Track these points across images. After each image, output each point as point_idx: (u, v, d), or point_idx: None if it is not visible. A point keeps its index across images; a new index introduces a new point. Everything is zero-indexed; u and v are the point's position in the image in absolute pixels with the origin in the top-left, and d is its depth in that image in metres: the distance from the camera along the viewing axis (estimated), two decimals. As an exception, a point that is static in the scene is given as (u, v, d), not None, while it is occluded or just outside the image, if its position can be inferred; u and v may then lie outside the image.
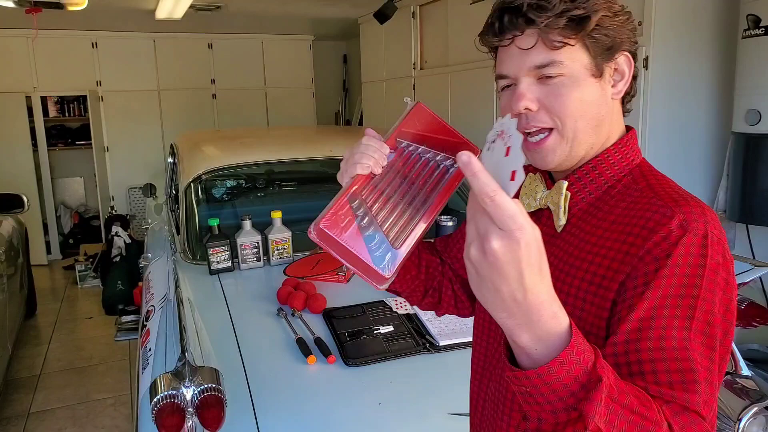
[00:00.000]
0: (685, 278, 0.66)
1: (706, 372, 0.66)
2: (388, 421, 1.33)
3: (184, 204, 2.53)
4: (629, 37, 0.75)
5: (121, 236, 4.80)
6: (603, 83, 0.75)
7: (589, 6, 0.71)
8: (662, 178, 0.78)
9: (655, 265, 0.67)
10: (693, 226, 0.68)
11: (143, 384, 1.48)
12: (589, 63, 0.73)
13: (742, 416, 1.56)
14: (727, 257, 0.69)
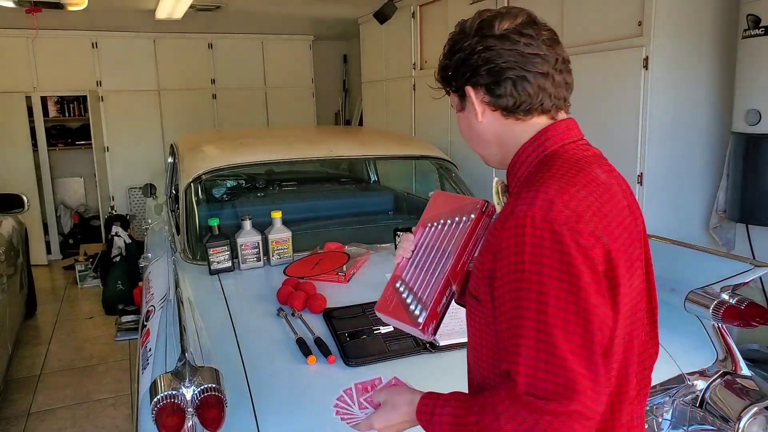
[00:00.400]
0: (513, 263, 0.80)
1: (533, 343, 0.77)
2: (388, 421, 1.33)
3: (184, 204, 2.53)
4: (464, 76, 0.93)
5: (121, 236, 4.80)
6: (467, 113, 0.97)
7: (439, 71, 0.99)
8: (552, 166, 0.87)
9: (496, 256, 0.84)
10: (517, 210, 0.81)
11: (143, 384, 1.48)
12: (457, 103, 0.99)
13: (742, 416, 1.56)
14: (552, 236, 0.78)
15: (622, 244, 0.85)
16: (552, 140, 0.91)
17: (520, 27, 0.90)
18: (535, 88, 0.89)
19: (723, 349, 1.71)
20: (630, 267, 0.87)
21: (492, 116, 0.93)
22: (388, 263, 2.24)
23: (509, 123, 0.93)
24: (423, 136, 4.20)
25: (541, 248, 0.78)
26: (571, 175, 0.85)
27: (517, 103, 0.90)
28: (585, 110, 2.91)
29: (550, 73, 0.90)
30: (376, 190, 3.72)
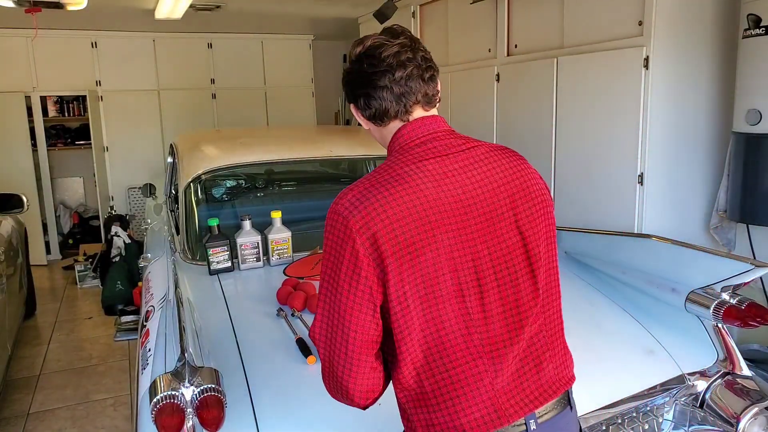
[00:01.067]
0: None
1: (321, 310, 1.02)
2: (388, 421, 1.33)
3: (184, 204, 2.53)
4: (345, 94, 1.14)
5: (120, 236, 4.80)
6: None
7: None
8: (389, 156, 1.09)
9: None
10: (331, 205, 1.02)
11: (143, 384, 1.48)
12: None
13: (743, 416, 1.56)
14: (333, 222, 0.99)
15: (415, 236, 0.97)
16: (400, 141, 1.09)
17: (368, 50, 1.09)
18: (380, 102, 1.07)
19: (723, 349, 1.71)
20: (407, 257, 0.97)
21: (366, 123, 1.14)
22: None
23: (379, 129, 1.13)
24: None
25: (327, 232, 1.01)
26: (370, 175, 1.04)
27: (374, 114, 1.09)
28: (585, 110, 2.91)
29: (391, 87, 1.06)
30: (375, 190, 3.72)
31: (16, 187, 4.07)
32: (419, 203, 0.98)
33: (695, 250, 1.89)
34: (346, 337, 0.98)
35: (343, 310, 0.97)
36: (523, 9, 3.39)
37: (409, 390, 1.02)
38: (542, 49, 3.21)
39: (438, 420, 1.01)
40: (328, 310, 1.00)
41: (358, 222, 0.96)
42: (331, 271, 0.99)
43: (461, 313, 1.00)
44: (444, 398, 1.00)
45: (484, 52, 3.66)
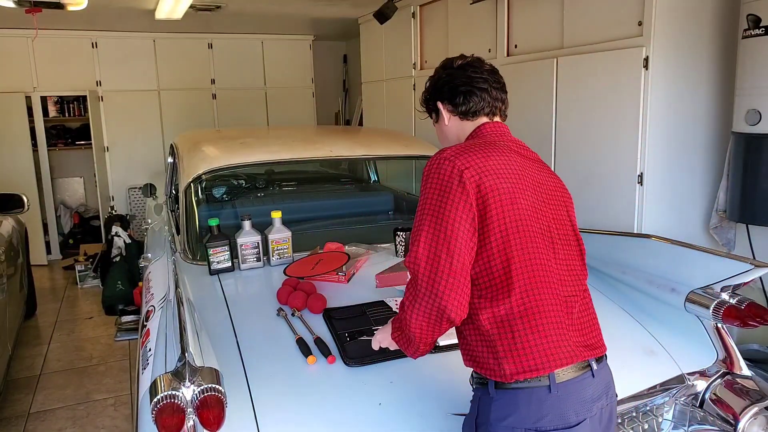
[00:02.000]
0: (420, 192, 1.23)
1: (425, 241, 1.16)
2: (388, 421, 1.33)
3: (184, 204, 2.53)
4: (434, 96, 1.41)
5: (121, 236, 4.80)
6: (441, 123, 1.42)
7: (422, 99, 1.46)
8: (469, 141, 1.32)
9: None
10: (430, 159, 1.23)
11: (143, 384, 1.48)
12: (434, 117, 1.44)
13: (742, 416, 1.56)
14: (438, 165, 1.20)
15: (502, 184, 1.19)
16: (485, 131, 1.34)
17: (469, 62, 1.37)
18: (478, 99, 1.33)
19: (723, 349, 1.71)
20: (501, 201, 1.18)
21: (454, 120, 1.37)
22: (388, 263, 2.24)
23: (464, 123, 1.37)
24: (423, 136, 4.20)
25: (429, 174, 1.21)
26: (483, 140, 1.29)
27: (469, 109, 1.34)
28: (585, 110, 2.91)
29: (489, 90, 1.34)
30: (376, 190, 3.72)
31: (16, 187, 4.08)
32: (510, 163, 1.23)
33: (695, 250, 1.89)
34: (451, 255, 1.13)
35: (450, 232, 1.14)
36: (523, 9, 3.39)
37: (496, 316, 1.15)
38: (542, 49, 3.21)
39: (524, 345, 1.14)
40: (433, 234, 1.15)
41: (464, 163, 1.18)
42: (436, 201, 1.16)
43: (546, 255, 1.20)
44: (531, 324, 1.14)
45: (484, 52, 3.66)
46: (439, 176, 1.18)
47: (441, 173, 1.18)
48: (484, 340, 1.17)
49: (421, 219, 1.18)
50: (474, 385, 1.24)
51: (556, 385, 1.14)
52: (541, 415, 1.13)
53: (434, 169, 1.20)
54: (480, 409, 1.19)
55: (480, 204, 1.15)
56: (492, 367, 1.16)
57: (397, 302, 1.85)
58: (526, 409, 1.14)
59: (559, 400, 1.14)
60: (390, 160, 3.36)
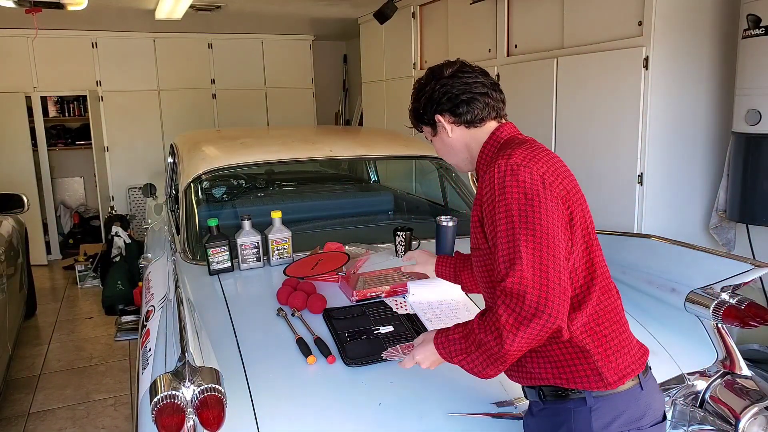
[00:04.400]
0: (492, 199, 1.12)
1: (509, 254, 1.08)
2: (388, 421, 1.33)
3: (184, 204, 2.53)
4: (430, 109, 1.30)
5: (121, 236, 4.80)
6: (440, 135, 1.34)
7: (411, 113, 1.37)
8: (507, 144, 1.24)
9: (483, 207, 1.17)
10: (490, 170, 1.15)
11: (143, 384, 1.48)
12: (430, 131, 1.35)
13: (742, 416, 1.56)
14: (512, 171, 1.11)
15: (568, 185, 1.18)
16: (502, 135, 1.28)
17: (460, 68, 1.28)
18: (482, 103, 1.27)
19: (723, 349, 1.71)
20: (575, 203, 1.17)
21: (458, 130, 1.30)
22: (388, 263, 2.24)
23: (471, 132, 1.30)
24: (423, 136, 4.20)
25: (504, 180, 1.11)
26: (518, 145, 1.21)
27: (474, 116, 1.27)
28: (585, 110, 2.91)
29: (488, 92, 1.28)
30: (376, 190, 3.72)
31: (16, 187, 4.08)
32: (561, 164, 1.22)
33: (695, 250, 1.89)
34: (558, 269, 1.06)
35: (552, 243, 1.06)
36: (523, 9, 3.39)
37: (585, 324, 1.13)
38: (542, 49, 3.21)
39: (616, 348, 1.15)
40: (533, 248, 1.05)
41: (540, 168, 1.12)
42: (525, 211, 1.08)
43: (601, 254, 1.21)
44: (615, 326, 1.16)
45: (484, 52, 3.66)
46: (518, 184, 1.09)
47: (520, 180, 1.09)
48: (577, 351, 1.13)
49: (511, 233, 1.07)
50: (547, 399, 1.19)
51: (644, 381, 1.17)
52: (641, 414, 1.15)
53: (509, 176, 1.10)
54: (577, 423, 1.15)
55: (565, 209, 1.12)
56: (589, 378, 1.13)
57: (397, 303, 1.85)
58: (629, 411, 1.14)
59: (648, 396, 1.17)
60: (390, 160, 3.36)
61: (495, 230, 1.10)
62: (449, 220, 2.38)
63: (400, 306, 1.83)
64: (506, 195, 1.09)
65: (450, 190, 3.11)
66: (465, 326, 1.17)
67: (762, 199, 2.40)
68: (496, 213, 1.10)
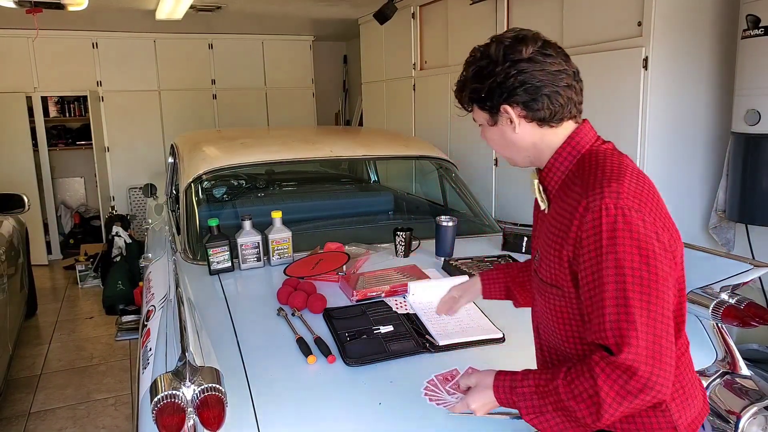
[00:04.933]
0: (596, 248, 0.96)
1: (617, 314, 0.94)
2: (388, 421, 1.33)
3: (185, 204, 2.54)
4: (501, 96, 1.06)
5: (121, 236, 4.81)
6: (500, 127, 1.11)
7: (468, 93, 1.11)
8: (595, 164, 1.05)
9: (578, 246, 0.99)
10: (591, 205, 0.96)
11: (143, 384, 1.49)
12: (488, 119, 1.12)
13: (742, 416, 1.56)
14: (624, 219, 0.94)
15: (672, 228, 1.03)
16: (582, 142, 1.09)
17: (541, 49, 1.05)
18: (565, 99, 1.06)
19: (723, 349, 1.71)
20: (677, 250, 1.03)
21: (528, 127, 1.09)
22: (389, 263, 2.25)
23: (543, 131, 1.09)
24: (423, 136, 4.21)
25: (615, 230, 0.94)
26: (619, 172, 1.01)
27: (553, 113, 1.06)
28: (585, 110, 2.91)
29: (573, 84, 1.07)
30: (376, 190, 3.73)
31: (17, 187, 4.08)
32: (663, 204, 1.04)
33: (694, 250, 1.89)
34: (671, 341, 0.94)
35: (666, 311, 0.94)
36: (522, 9, 3.39)
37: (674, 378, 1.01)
38: (542, 49, 3.21)
39: (691, 396, 1.08)
40: (648, 317, 0.92)
41: (651, 213, 0.97)
42: (639, 269, 0.93)
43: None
44: (688, 383, 1.09)
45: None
46: (632, 236, 0.93)
47: (634, 231, 0.94)
48: (655, 405, 1.03)
49: (623, 296, 0.93)
50: None
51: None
52: None
53: (621, 224, 0.94)
54: None
55: (674, 263, 0.99)
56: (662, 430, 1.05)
57: (397, 303, 1.85)
58: None
59: None
60: (390, 160, 3.37)
61: (599, 286, 0.95)
62: (449, 220, 2.38)
63: (400, 306, 1.84)
64: (618, 249, 0.93)
65: (450, 190, 3.12)
66: (539, 380, 1.01)
67: (761, 199, 2.40)
68: (603, 267, 0.94)
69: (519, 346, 1.62)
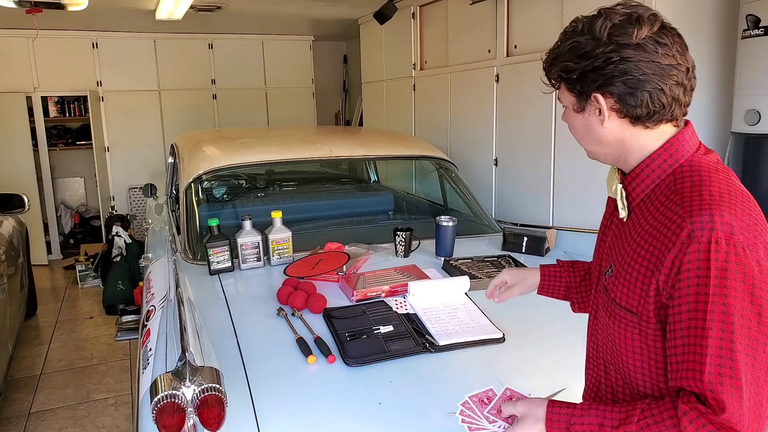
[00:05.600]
0: (697, 285, 0.82)
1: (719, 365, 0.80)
2: (388, 421, 1.33)
3: (185, 204, 2.54)
4: (596, 83, 0.92)
5: (121, 236, 4.81)
6: (587, 115, 0.97)
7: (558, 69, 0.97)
8: (698, 181, 0.89)
9: (676, 277, 0.84)
10: (698, 235, 0.82)
11: (143, 384, 1.49)
12: (574, 103, 0.98)
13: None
14: (737, 259, 0.81)
15: None
16: (681, 150, 0.93)
17: (656, 36, 0.89)
18: (670, 99, 0.90)
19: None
20: None
21: (618, 122, 0.94)
22: (389, 263, 2.25)
23: (636, 130, 0.94)
24: (423, 136, 4.21)
25: (726, 271, 0.81)
26: (729, 196, 0.86)
27: (651, 113, 0.91)
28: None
29: (683, 83, 0.91)
30: (376, 190, 3.73)
31: (17, 188, 4.08)
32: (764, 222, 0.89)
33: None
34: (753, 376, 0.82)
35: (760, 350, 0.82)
36: (522, 9, 3.39)
37: None
38: (542, 49, 3.21)
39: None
40: (753, 373, 0.81)
41: (765, 253, 0.83)
42: (750, 322, 0.81)
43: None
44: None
45: (484, 52, 3.67)
46: (744, 278, 0.81)
47: (747, 274, 0.81)
48: None
49: (728, 347, 0.80)
50: None
51: None
52: None
53: (733, 264, 0.81)
54: None
55: None
56: None
57: (397, 303, 1.85)
58: None
59: None
60: (390, 160, 3.37)
61: (700, 331, 0.82)
62: (449, 220, 2.38)
63: (400, 306, 1.84)
64: (729, 293, 0.80)
65: (450, 190, 3.12)
66: (603, 419, 0.88)
67: (762, 199, 2.40)
68: (708, 310, 0.81)
69: (519, 346, 1.62)
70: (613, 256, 0.99)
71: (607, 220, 1.13)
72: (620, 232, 0.99)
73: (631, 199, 0.98)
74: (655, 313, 0.89)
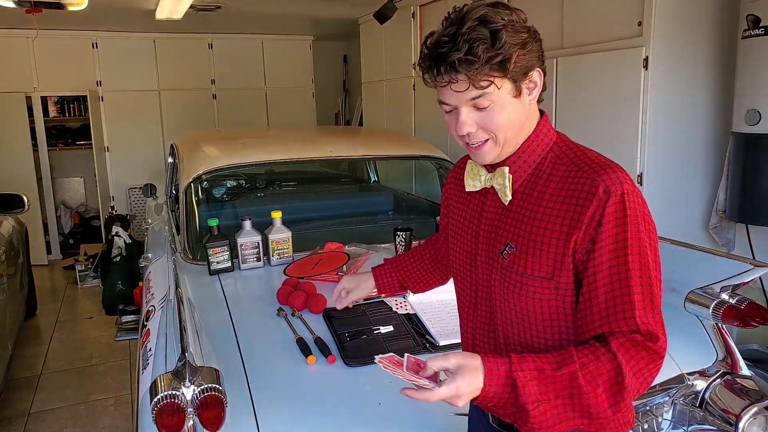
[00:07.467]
0: (616, 233, 0.92)
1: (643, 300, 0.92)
2: (388, 421, 1.33)
3: (184, 204, 2.53)
4: (539, 57, 1.00)
5: (121, 236, 4.80)
6: (522, 98, 0.98)
7: (505, 51, 0.94)
8: (579, 150, 1.01)
9: (596, 230, 0.93)
10: (612, 189, 0.92)
11: (143, 384, 1.48)
12: (512, 88, 0.96)
13: (742, 416, 1.56)
14: (641, 207, 0.94)
15: None
16: (550, 127, 1.05)
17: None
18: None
19: (723, 349, 1.71)
20: None
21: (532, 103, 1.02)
22: (388, 263, 2.24)
23: (533, 107, 1.02)
24: (423, 136, 4.21)
25: (636, 217, 0.93)
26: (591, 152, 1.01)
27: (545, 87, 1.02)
28: (585, 110, 2.91)
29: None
30: (376, 190, 3.73)
31: (16, 188, 4.08)
32: None
33: (695, 250, 1.89)
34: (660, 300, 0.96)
35: (659, 278, 0.96)
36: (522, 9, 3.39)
37: None
38: (542, 49, 3.21)
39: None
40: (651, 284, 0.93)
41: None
42: (648, 248, 0.94)
43: None
44: None
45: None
46: (644, 220, 0.95)
47: (645, 216, 0.95)
48: None
49: (646, 275, 0.93)
50: None
51: None
52: None
53: (639, 209, 0.94)
54: None
55: None
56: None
57: (397, 303, 1.85)
58: None
59: None
60: (390, 160, 3.36)
61: (621, 272, 0.92)
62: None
63: (400, 306, 1.83)
64: (640, 235, 0.93)
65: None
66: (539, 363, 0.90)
67: (761, 199, 2.40)
68: (627, 253, 0.92)
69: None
70: (505, 235, 1.03)
71: (461, 212, 1.15)
72: (504, 215, 1.04)
73: (513, 182, 1.03)
74: (573, 272, 0.96)
